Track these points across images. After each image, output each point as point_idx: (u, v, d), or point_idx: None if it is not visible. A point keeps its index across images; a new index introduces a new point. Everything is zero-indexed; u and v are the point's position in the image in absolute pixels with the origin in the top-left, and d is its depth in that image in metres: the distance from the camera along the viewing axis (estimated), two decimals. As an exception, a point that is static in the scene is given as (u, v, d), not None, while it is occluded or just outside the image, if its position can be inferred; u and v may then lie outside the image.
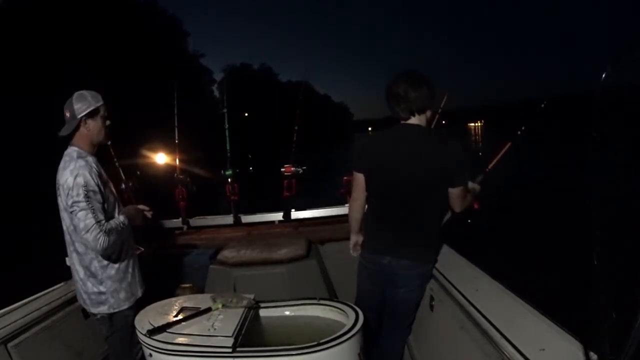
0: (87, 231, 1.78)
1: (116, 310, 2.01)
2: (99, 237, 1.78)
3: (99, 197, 1.85)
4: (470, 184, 2.17)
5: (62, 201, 1.88)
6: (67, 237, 1.98)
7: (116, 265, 1.98)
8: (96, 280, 1.96)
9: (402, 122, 1.99)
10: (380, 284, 2.14)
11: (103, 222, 1.82)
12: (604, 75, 1.55)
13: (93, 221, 1.78)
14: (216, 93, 44.81)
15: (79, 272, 1.99)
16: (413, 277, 2.06)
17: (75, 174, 1.81)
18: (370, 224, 2.16)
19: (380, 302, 2.20)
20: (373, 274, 2.14)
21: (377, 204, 2.11)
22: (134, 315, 2.02)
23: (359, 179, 2.09)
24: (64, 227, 1.97)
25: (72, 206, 1.80)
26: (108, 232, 1.81)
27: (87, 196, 1.79)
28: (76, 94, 1.92)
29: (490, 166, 2.36)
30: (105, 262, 1.96)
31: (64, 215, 1.91)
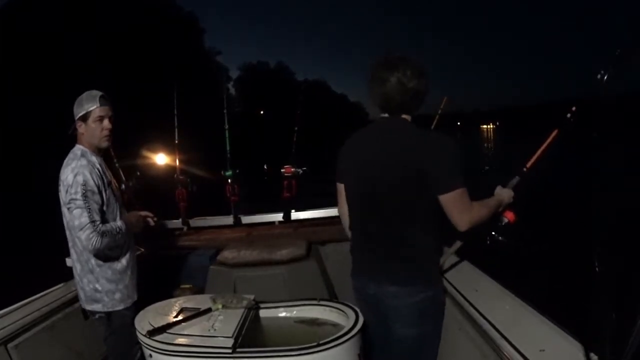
0: (81, 229, 1.78)
1: (111, 309, 2.01)
2: (92, 237, 1.78)
3: (97, 197, 1.85)
4: (497, 190, 1.73)
5: (61, 196, 1.90)
6: (67, 233, 2.00)
7: (114, 266, 1.99)
8: (93, 277, 1.97)
9: (382, 115, 1.66)
10: (376, 318, 1.75)
11: (98, 222, 1.82)
12: (605, 76, 1.55)
13: (87, 220, 1.78)
14: (232, 91, 45.15)
15: (77, 268, 2.01)
16: (409, 308, 1.61)
17: (75, 172, 1.83)
18: (352, 243, 1.81)
19: (384, 339, 1.79)
20: (365, 305, 1.79)
21: (354, 218, 1.76)
22: (133, 316, 2.02)
23: (340, 190, 1.80)
24: (64, 223, 1.98)
25: (69, 203, 1.82)
26: (102, 234, 1.81)
27: (84, 195, 1.80)
28: (80, 96, 1.95)
29: (529, 164, 1.81)
30: (102, 262, 1.96)
31: (64, 211, 1.92)
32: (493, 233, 1.69)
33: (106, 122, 1.94)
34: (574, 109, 1.76)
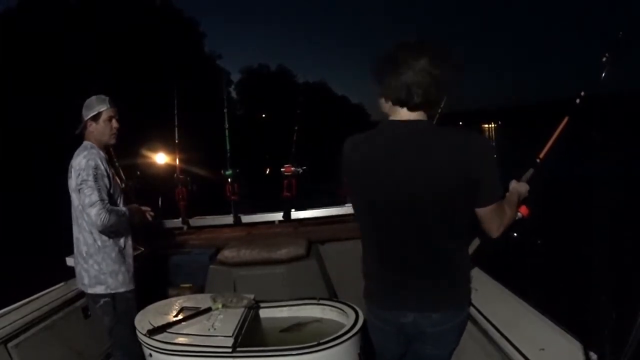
0: (91, 206, 1.93)
1: (114, 291, 2.08)
2: (101, 213, 1.92)
3: (106, 181, 2.03)
4: (513, 184, 1.61)
5: (72, 182, 2.04)
6: (74, 218, 2.12)
7: (117, 249, 2.10)
8: (99, 257, 2.07)
9: (395, 118, 1.37)
10: (403, 343, 1.55)
11: (106, 201, 1.98)
12: (603, 74, 1.55)
13: (97, 198, 1.94)
14: (233, 94, 45.21)
15: (82, 251, 2.09)
16: (447, 332, 1.45)
17: (88, 158, 2.01)
18: (373, 267, 1.50)
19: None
20: (391, 334, 1.53)
21: (376, 238, 1.46)
22: (135, 302, 2.09)
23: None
24: (72, 211, 2.11)
25: (80, 184, 1.97)
26: (109, 211, 1.96)
27: (95, 177, 1.97)
28: (88, 99, 2.15)
29: (541, 155, 1.72)
30: (108, 243, 2.07)
31: (74, 196, 2.07)
32: (508, 232, 1.52)
33: (115, 122, 2.16)
34: (582, 94, 1.69)
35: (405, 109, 1.33)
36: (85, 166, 1.98)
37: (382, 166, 1.34)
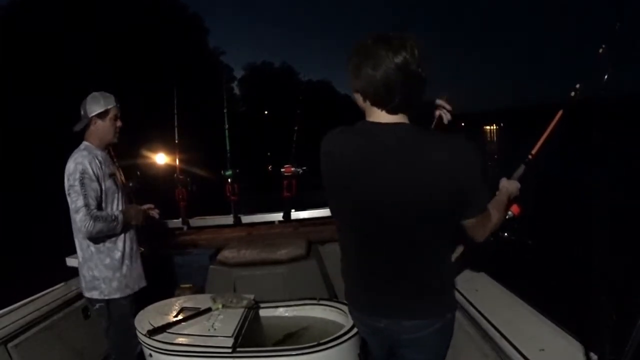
0: (76, 212, 1.91)
1: (107, 297, 2.05)
2: (85, 220, 1.88)
3: (95, 185, 1.96)
4: (503, 182, 1.56)
5: (65, 187, 2.01)
6: (72, 221, 2.09)
7: (112, 254, 2.06)
8: (92, 263, 2.05)
9: (375, 120, 1.27)
10: (387, 346, 1.48)
11: (92, 207, 1.93)
12: (606, 77, 1.55)
13: (82, 204, 1.90)
14: (236, 91, 45.15)
15: (79, 256, 2.09)
16: (427, 337, 1.37)
17: (77, 162, 1.96)
18: (350, 270, 1.47)
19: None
20: (373, 337, 1.50)
21: (355, 241, 1.40)
22: (131, 308, 2.07)
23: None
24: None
25: (68, 189, 1.95)
26: (94, 218, 1.91)
27: (82, 182, 1.93)
28: (91, 95, 2.09)
29: (534, 151, 1.66)
30: (102, 249, 2.04)
31: (68, 200, 2.04)
32: (499, 232, 1.46)
33: (119, 121, 2.13)
34: (578, 86, 1.63)
35: (384, 110, 1.24)
36: (72, 171, 1.94)
37: (365, 169, 1.25)
